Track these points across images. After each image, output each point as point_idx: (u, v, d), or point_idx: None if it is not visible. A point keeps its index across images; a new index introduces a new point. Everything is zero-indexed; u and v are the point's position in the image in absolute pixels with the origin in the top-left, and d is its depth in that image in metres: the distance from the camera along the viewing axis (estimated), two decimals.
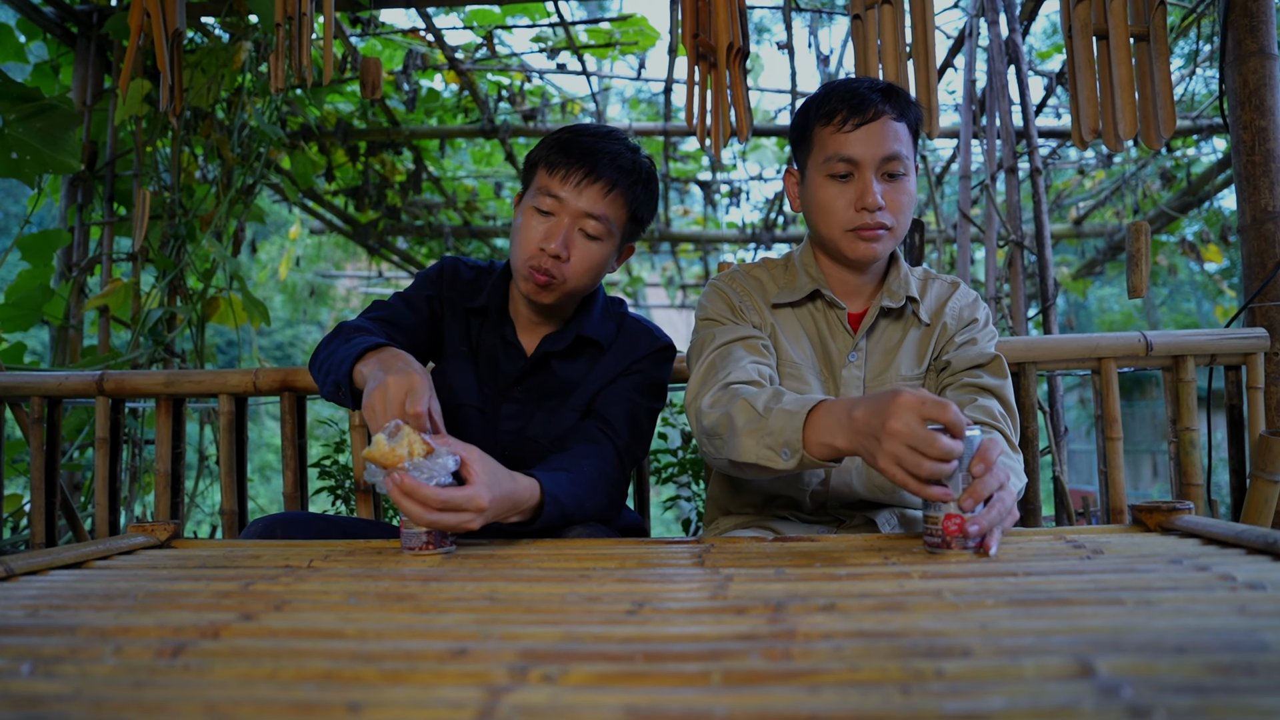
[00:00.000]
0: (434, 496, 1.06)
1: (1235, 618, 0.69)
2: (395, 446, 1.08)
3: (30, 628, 0.76)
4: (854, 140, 1.39)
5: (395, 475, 1.07)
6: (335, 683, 0.59)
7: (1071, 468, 9.93)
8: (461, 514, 1.09)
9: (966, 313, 1.54)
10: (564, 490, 1.28)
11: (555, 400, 1.55)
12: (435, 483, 1.08)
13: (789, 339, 1.51)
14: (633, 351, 1.57)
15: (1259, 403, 1.85)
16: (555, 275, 1.45)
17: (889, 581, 0.87)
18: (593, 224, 1.44)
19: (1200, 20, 3.50)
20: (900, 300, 1.49)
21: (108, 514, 2.13)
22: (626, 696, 0.55)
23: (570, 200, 1.43)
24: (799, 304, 1.53)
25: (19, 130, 2.78)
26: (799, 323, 1.53)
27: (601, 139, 1.46)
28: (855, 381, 1.49)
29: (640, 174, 1.48)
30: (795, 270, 1.55)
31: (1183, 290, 12.27)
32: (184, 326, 3.19)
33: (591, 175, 1.43)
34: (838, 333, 1.51)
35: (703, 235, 7.16)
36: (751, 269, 1.60)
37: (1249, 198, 1.93)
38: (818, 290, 1.51)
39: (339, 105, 4.67)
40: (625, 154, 1.47)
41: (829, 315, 1.52)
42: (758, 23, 7.75)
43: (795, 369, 1.48)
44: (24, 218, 3.18)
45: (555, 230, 1.43)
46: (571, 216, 1.44)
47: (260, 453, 13.29)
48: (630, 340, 1.58)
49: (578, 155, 1.43)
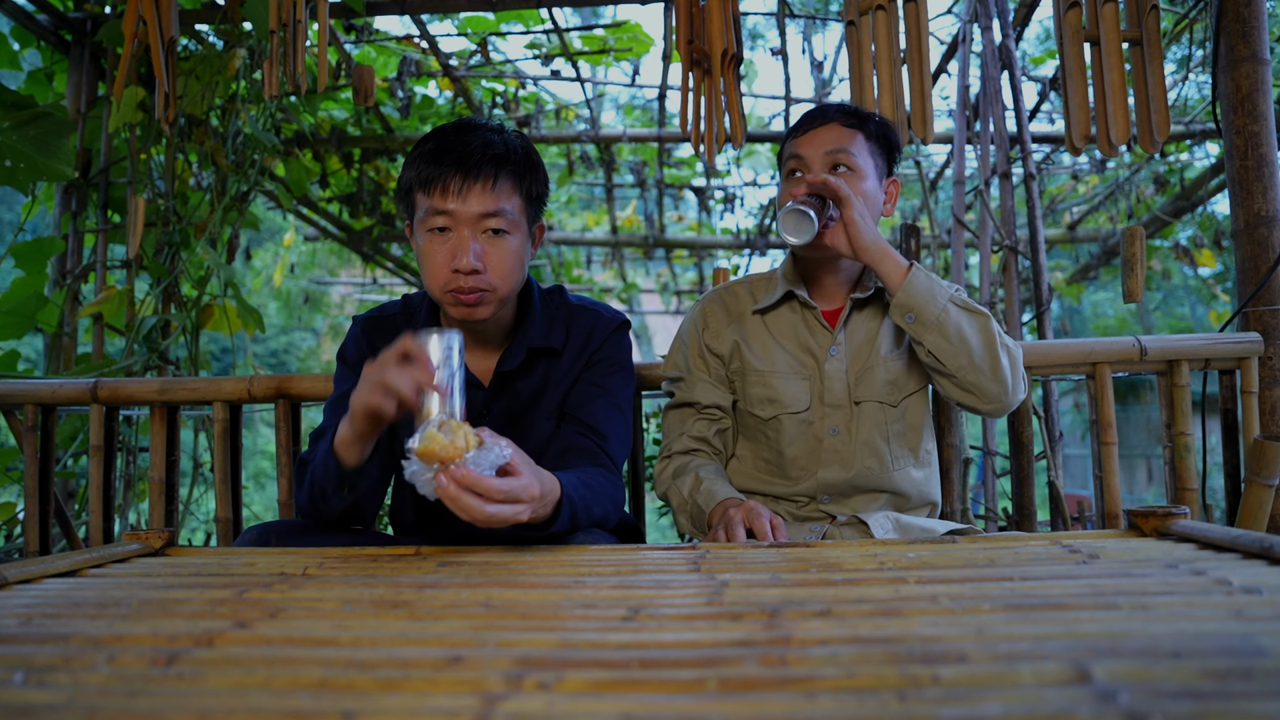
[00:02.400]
0: (497, 488, 1.02)
1: (1231, 622, 0.69)
2: (453, 439, 1.02)
3: (24, 636, 0.75)
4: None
5: (454, 469, 1.01)
6: (329, 691, 0.59)
7: (1067, 473, 9.94)
8: (517, 505, 1.06)
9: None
10: (577, 493, 1.25)
11: (525, 415, 1.51)
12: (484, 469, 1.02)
13: (756, 350, 1.65)
14: (589, 342, 1.52)
15: (1253, 407, 1.86)
16: (482, 287, 1.36)
17: (885, 587, 0.87)
18: (493, 221, 1.35)
19: (1193, 25, 3.52)
20: (869, 290, 1.62)
21: (102, 522, 2.13)
22: (622, 704, 0.55)
23: (460, 209, 1.33)
24: (776, 308, 1.67)
25: (13, 138, 2.78)
26: (774, 328, 1.66)
27: (464, 134, 1.37)
28: (839, 374, 1.61)
29: (515, 154, 1.38)
30: (776, 280, 1.69)
31: (1177, 295, 12.31)
32: (178, 334, 3.18)
33: (470, 176, 1.33)
34: (817, 331, 1.63)
35: (697, 241, 7.17)
36: (734, 285, 1.76)
37: (1242, 202, 1.94)
38: (791, 292, 1.64)
39: (333, 112, 4.68)
40: (493, 140, 1.37)
41: (806, 316, 1.65)
42: (751, 29, 7.77)
43: (761, 377, 1.63)
44: (18, 225, 3.17)
45: (459, 245, 1.34)
46: (469, 225, 1.34)
47: (255, 460, 13.26)
48: (584, 332, 1.53)
49: (448, 161, 1.33)
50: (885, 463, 1.58)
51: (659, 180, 5.98)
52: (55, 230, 3.34)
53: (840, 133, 1.55)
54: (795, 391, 1.61)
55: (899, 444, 1.60)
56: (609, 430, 1.47)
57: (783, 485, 1.63)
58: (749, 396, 1.64)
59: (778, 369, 1.62)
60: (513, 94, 4.79)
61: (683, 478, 1.60)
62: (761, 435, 1.65)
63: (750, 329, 1.67)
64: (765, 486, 1.65)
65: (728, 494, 1.52)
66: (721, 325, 1.69)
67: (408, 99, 4.37)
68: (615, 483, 1.42)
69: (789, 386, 1.61)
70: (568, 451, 1.44)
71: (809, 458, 1.60)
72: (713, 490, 1.53)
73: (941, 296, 1.45)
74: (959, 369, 1.46)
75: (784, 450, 1.61)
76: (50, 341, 3.21)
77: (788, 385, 1.61)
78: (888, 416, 1.59)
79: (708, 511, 1.50)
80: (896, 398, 1.59)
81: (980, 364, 1.45)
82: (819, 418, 1.60)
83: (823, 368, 1.60)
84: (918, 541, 1.20)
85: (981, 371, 1.45)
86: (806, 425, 1.60)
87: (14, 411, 2.20)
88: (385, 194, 5.39)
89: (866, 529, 1.54)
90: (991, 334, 1.46)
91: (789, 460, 1.62)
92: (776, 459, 1.64)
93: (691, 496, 1.56)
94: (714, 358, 1.69)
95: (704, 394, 1.67)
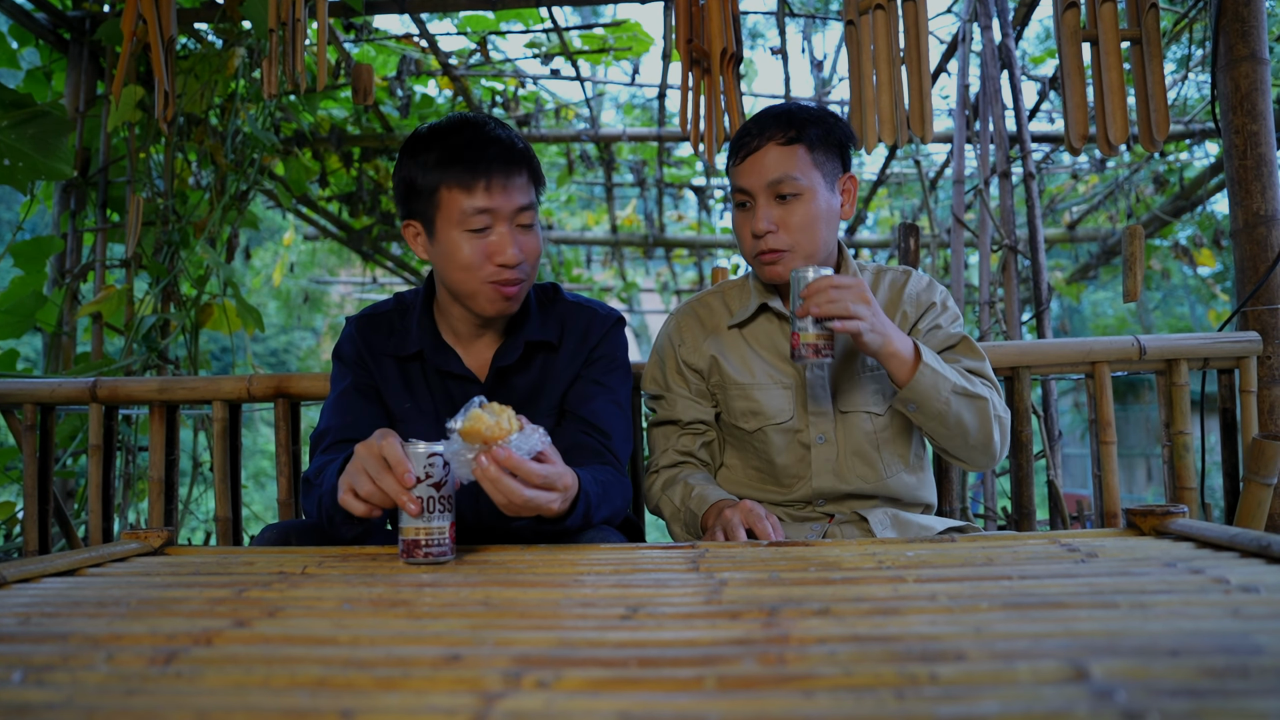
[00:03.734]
0: (537, 473, 1.02)
1: (1229, 621, 0.69)
2: (498, 420, 1.02)
3: (22, 635, 0.75)
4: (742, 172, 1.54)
5: (497, 450, 1.00)
6: (328, 689, 0.59)
7: (1066, 472, 9.93)
8: (551, 493, 1.06)
9: (924, 297, 1.63)
10: (593, 490, 1.27)
11: (523, 411, 1.50)
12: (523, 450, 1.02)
13: (734, 363, 1.63)
14: (586, 339, 1.54)
15: (1252, 406, 1.86)
16: (522, 279, 1.42)
17: (883, 586, 0.87)
18: (526, 214, 1.41)
19: (1192, 25, 3.51)
20: None
21: (101, 521, 2.13)
22: (620, 702, 0.55)
23: (502, 205, 1.37)
24: (751, 320, 1.65)
25: (11, 137, 2.78)
26: (753, 340, 1.65)
27: (481, 131, 1.40)
28: (819, 381, 1.60)
29: (529, 150, 1.44)
30: (749, 289, 1.67)
31: (1176, 294, 12.31)
32: (177, 333, 3.18)
33: (510, 173, 1.38)
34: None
35: (697, 240, 7.17)
36: (706, 296, 1.74)
37: (1241, 202, 1.94)
38: (766, 304, 1.62)
39: (333, 111, 4.67)
40: (508, 138, 1.41)
41: (782, 325, 1.63)
42: (751, 28, 7.77)
43: (742, 390, 1.62)
44: (16, 224, 3.17)
45: (503, 241, 1.38)
46: (508, 220, 1.39)
47: (254, 459, 13.25)
48: (580, 328, 1.55)
49: (486, 160, 1.37)
50: (878, 470, 1.58)
51: (659, 179, 5.98)
52: (54, 229, 3.34)
53: (778, 155, 1.50)
54: (778, 402, 1.60)
55: (889, 450, 1.59)
56: (612, 428, 1.48)
57: (777, 492, 1.63)
58: (732, 410, 1.63)
59: (758, 381, 1.61)
60: (512, 93, 4.78)
61: (672, 488, 1.61)
62: (749, 446, 1.65)
63: (727, 342, 1.65)
64: (759, 494, 1.65)
65: (720, 495, 1.52)
66: (698, 339, 1.68)
67: (407, 98, 4.36)
68: (624, 482, 1.45)
69: (771, 398, 1.60)
70: (572, 450, 1.44)
71: (799, 465, 1.60)
72: (704, 494, 1.53)
73: (944, 389, 1.42)
74: (954, 448, 1.51)
75: (774, 460, 1.61)
76: (49, 341, 3.21)
77: (770, 397, 1.60)
78: (876, 425, 1.58)
79: (701, 515, 1.50)
80: (883, 406, 1.58)
81: (974, 443, 1.49)
82: (804, 425, 1.59)
83: (804, 375, 1.60)
84: (916, 540, 1.20)
85: (974, 449, 1.50)
86: (793, 434, 1.60)
87: (13, 411, 2.20)
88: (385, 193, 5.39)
89: (866, 526, 1.55)
90: (988, 417, 1.47)
91: (780, 469, 1.61)
92: (767, 468, 1.63)
93: (684, 504, 1.56)
94: (693, 373, 1.67)
95: (685, 410, 1.67)
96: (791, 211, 1.50)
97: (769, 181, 1.50)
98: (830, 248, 1.57)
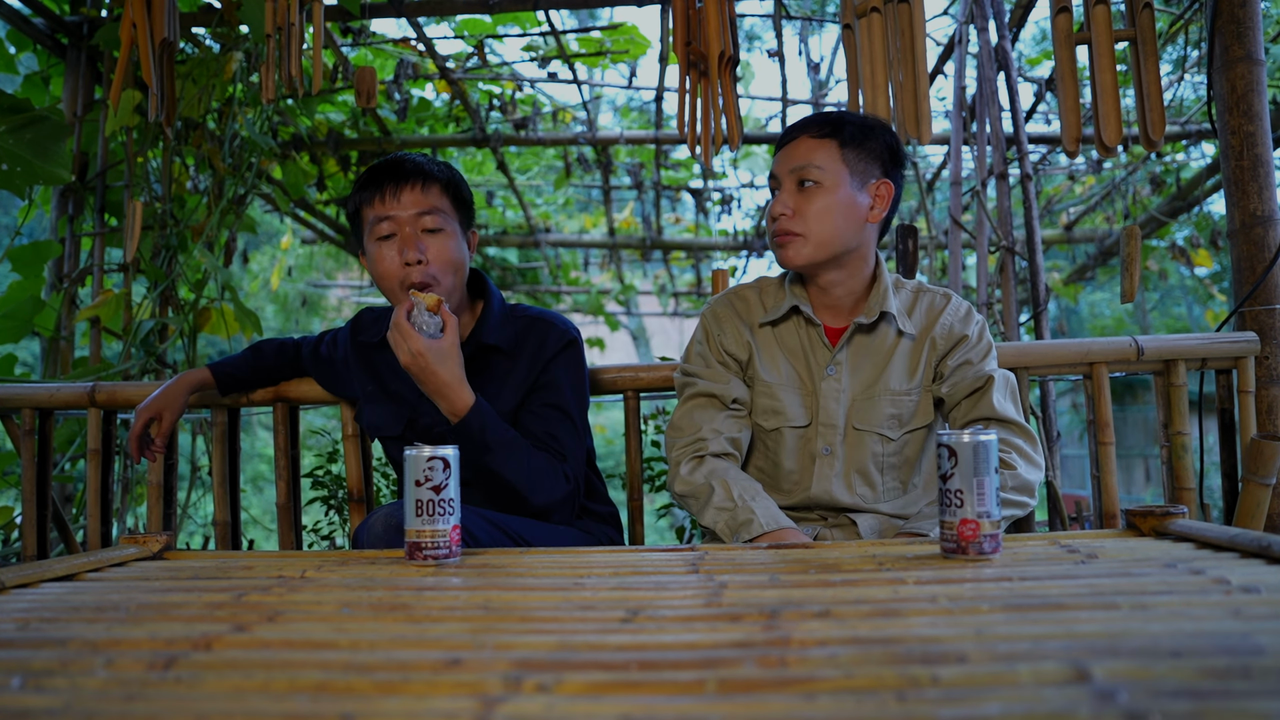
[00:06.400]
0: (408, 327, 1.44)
1: (1230, 621, 0.69)
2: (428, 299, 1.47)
3: (21, 641, 0.75)
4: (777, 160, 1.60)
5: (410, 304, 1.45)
6: (328, 694, 0.59)
7: (1064, 472, 9.93)
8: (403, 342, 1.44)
9: (958, 328, 1.61)
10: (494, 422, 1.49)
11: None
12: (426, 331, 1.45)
13: (765, 361, 1.63)
14: (542, 350, 1.65)
15: (1250, 406, 1.86)
16: (428, 280, 1.55)
17: (884, 588, 0.87)
18: (428, 219, 1.57)
19: (1188, 26, 3.52)
20: (874, 315, 1.58)
21: (99, 526, 2.12)
22: (621, 705, 0.55)
23: (399, 211, 1.56)
24: (781, 321, 1.65)
25: (9, 141, 2.77)
26: (781, 341, 1.64)
27: (393, 159, 1.62)
28: (834, 394, 1.59)
29: (438, 166, 1.63)
30: (785, 290, 1.66)
31: (1173, 295, 12.31)
32: (176, 337, 3.17)
33: (402, 181, 1.57)
34: (818, 348, 1.62)
35: (694, 243, 7.16)
36: (743, 290, 1.72)
37: (1238, 202, 1.94)
38: (797, 307, 1.61)
39: (330, 115, 4.66)
40: (418, 158, 1.62)
41: (809, 332, 1.63)
42: (748, 31, 7.76)
43: (767, 389, 1.62)
44: (14, 229, 3.16)
45: (404, 241, 1.56)
46: (409, 223, 1.57)
47: (253, 463, 13.21)
48: (538, 337, 1.67)
49: (383, 174, 1.58)
50: (878, 492, 1.59)
51: (656, 182, 5.97)
52: (52, 234, 3.33)
53: (809, 145, 1.56)
54: (797, 406, 1.60)
55: (891, 476, 1.60)
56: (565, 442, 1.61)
57: (776, 496, 1.61)
58: (756, 406, 1.63)
59: (783, 381, 1.61)
60: (510, 96, 4.77)
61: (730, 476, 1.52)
62: (762, 445, 1.65)
63: (761, 338, 1.65)
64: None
65: (788, 522, 1.47)
66: (739, 329, 1.66)
67: (405, 101, 4.36)
68: (559, 470, 1.57)
69: (792, 400, 1.60)
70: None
71: (802, 473, 1.60)
72: (773, 512, 1.47)
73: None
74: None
75: (781, 462, 1.61)
76: (47, 345, 3.20)
77: (791, 399, 1.60)
78: (885, 449, 1.58)
79: (767, 528, 1.42)
80: (898, 432, 1.58)
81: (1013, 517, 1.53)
82: (814, 434, 1.60)
83: (818, 385, 1.59)
84: (916, 541, 1.20)
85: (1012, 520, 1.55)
86: (805, 441, 1.60)
87: (11, 415, 2.20)
88: None
89: (855, 531, 1.57)
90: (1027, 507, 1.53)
91: (784, 473, 1.61)
92: (772, 470, 1.64)
93: (743, 500, 1.47)
94: (734, 361, 1.66)
95: (733, 388, 1.62)
96: (809, 199, 1.54)
97: (793, 168, 1.56)
98: (848, 243, 1.56)
